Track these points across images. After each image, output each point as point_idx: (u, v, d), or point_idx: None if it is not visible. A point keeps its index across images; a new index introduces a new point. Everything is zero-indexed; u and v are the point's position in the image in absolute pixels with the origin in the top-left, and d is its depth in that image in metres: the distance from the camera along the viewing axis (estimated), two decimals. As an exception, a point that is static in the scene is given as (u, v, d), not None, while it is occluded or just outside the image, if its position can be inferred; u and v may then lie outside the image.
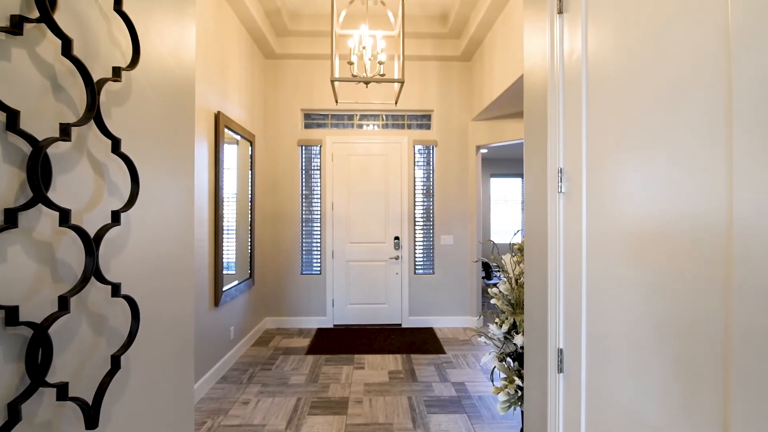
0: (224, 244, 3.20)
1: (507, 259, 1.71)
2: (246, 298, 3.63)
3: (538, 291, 1.39)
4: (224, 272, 3.23)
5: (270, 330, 4.15)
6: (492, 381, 1.77)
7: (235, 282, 3.37)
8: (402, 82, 2.65)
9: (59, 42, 0.79)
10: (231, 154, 3.40)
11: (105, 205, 0.95)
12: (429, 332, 4.11)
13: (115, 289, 0.94)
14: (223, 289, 3.05)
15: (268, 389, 2.75)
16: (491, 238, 6.99)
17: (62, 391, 0.77)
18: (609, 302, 0.97)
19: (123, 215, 1.00)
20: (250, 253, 3.72)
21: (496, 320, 1.67)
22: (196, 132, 2.63)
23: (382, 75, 2.73)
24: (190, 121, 1.46)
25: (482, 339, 1.77)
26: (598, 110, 1.03)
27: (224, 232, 3.17)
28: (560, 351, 1.20)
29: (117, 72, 0.96)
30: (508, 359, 1.71)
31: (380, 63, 2.74)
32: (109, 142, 0.95)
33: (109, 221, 0.94)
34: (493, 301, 1.67)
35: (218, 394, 2.69)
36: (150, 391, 1.13)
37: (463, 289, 4.34)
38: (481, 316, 4.36)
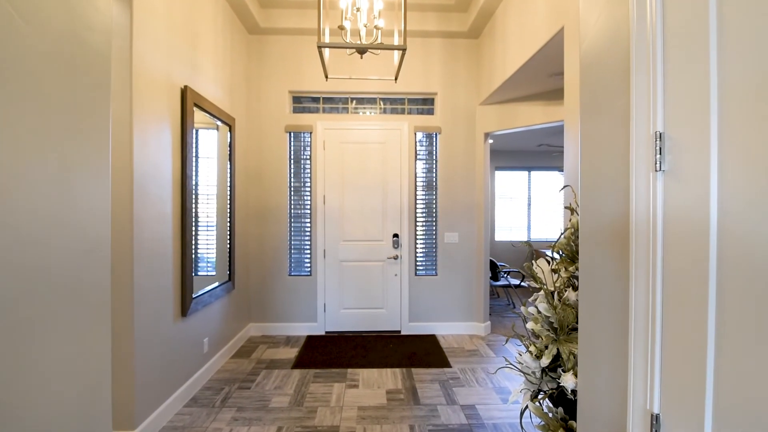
0: (204, 242, 2.77)
1: (544, 267, 1.29)
2: (224, 304, 3.19)
3: (606, 317, 0.96)
4: (205, 273, 2.80)
5: (254, 338, 3.72)
6: (521, 425, 1.35)
7: (213, 285, 2.93)
8: (404, 50, 2.21)
9: None
10: (211, 141, 2.96)
11: None
12: (431, 340, 3.69)
13: None
14: (194, 295, 2.62)
15: (243, 415, 2.33)
16: (528, 240, 6.52)
17: None
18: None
19: None
20: (230, 252, 3.28)
21: (531, 348, 1.25)
22: (154, 110, 2.18)
23: (380, 43, 2.28)
24: (103, 78, 1.02)
25: (508, 370, 1.36)
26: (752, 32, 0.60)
27: (204, 229, 2.74)
28: (655, 417, 0.78)
29: None
30: (545, 399, 1.29)
31: (377, 28, 2.30)
32: None
33: None
34: (529, 325, 1.25)
35: (184, 421, 2.26)
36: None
37: (469, 292, 3.92)
38: (489, 323, 3.95)
